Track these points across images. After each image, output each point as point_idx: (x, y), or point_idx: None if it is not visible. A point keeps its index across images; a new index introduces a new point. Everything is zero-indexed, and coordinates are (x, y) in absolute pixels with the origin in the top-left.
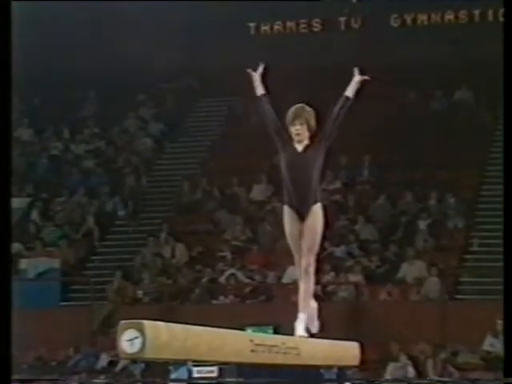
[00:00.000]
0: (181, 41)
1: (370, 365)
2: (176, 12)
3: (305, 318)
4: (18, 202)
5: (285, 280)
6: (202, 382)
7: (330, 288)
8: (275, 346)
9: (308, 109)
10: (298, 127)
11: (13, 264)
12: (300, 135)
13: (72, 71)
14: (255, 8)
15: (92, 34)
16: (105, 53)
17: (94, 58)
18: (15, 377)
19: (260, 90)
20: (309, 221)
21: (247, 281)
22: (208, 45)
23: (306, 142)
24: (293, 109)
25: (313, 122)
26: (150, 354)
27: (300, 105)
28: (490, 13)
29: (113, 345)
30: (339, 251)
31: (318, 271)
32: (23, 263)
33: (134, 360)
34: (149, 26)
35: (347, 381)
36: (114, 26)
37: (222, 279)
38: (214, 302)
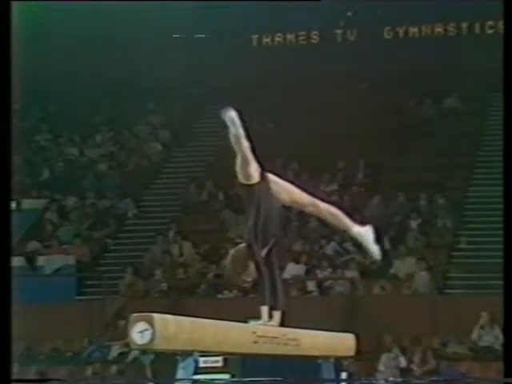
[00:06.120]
0: (188, 55)
1: (365, 355)
2: (183, 26)
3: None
4: (35, 203)
5: (285, 275)
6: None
7: (327, 283)
8: (276, 337)
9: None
10: None
11: (31, 261)
12: None
13: (87, 81)
14: (257, 21)
15: (106, 46)
16: (117, 66)
17: (108, 71)
18: (32, 367)
19: None
20: None
21: None
22: (213, 56)
23: None
24: None
25: None
26: (159, 346)
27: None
28: (477, 26)
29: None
30: (335, 249)
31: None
32: (41, 260)
33: (143, 351)
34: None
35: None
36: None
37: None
38: (219, 296)
